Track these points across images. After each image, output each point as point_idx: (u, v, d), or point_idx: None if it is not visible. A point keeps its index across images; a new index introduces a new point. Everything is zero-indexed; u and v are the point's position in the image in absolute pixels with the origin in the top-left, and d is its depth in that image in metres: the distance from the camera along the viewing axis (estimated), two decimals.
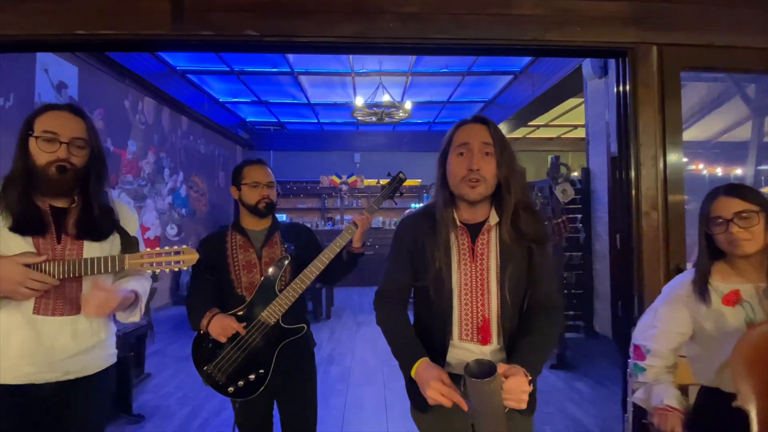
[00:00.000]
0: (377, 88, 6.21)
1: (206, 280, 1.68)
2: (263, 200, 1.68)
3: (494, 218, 1.20)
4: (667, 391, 1.27)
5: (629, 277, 2.01)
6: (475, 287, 1.19)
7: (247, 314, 1.60)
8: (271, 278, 1.62)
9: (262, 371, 1.58)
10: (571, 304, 4.29)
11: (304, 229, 1.85)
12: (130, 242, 1.34)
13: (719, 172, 4.82)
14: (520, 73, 6.05)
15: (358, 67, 5.89)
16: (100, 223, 1.28)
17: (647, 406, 1.31)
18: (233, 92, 7.14)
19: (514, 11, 1.96)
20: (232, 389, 1.57)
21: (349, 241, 1.64)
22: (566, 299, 4.24)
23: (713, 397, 1.25)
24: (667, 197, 1.96)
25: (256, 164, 1.74)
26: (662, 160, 1.97)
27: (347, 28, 1.94)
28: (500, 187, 1.18)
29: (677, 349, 1.33)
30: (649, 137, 1.97)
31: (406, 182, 1.70)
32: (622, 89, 2.06)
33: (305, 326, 1.67)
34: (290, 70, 5.95)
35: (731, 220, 1.19)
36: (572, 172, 4.98)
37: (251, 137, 9.32)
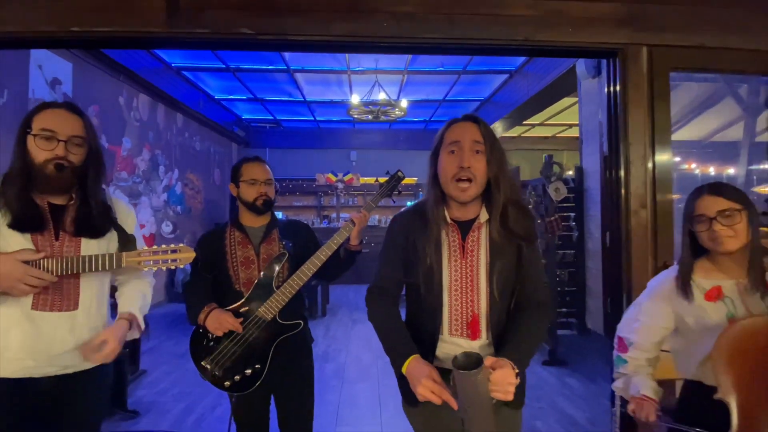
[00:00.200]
0: (373, 86, 6.22)
1: (205, 275, 1.70)
2: (261, 197, 1.70)
3: (484, 216, 1.22)
4: (644, 382, 1.31)
5: (619, 274, 2.05)
6: (464, 283, 1.21)
7: (244, 310, 1.62)
8: (268, 274, 1.64)
9: (258, 366, 1.60)
10: (563, 301, 4.32)
11: (302, 226, 1.87)
12: (127, 239, 1.36)
13: (712, 171, 4.85)
14: (515, 72, 6.08)
15: (354, 65, 5.90)
16: (97, 220, 1.30)
17: (625, 394, 1.36)
18: (229, 89, 7.13)
19: (506, 12, 1.99)
20: (228, 383, 1.59)
21: (346, 238, 1.65)
22: (559, 297, 4.28)
23: (695, 390, 1.29)
24: (655, 196, 2.00)
25: (254, 161, 1.75)
26: (651, 159, 2.00)
27: (342, 26, 1.95)
28: (490, 185, 1.21)
29: (660, 342, 1.37)
30: (638, 137, 2.01)
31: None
32: (612, 89, 2.09)
33: (302, 322, 1.69)
34: (286, 67, 5.95)
35: (714, 218, 1.23)
36: (566, 171, 5.01)
37: (247, 134, 9.31)
